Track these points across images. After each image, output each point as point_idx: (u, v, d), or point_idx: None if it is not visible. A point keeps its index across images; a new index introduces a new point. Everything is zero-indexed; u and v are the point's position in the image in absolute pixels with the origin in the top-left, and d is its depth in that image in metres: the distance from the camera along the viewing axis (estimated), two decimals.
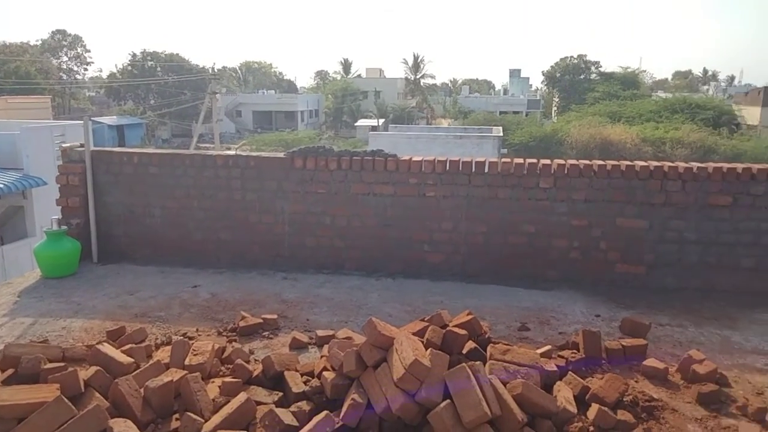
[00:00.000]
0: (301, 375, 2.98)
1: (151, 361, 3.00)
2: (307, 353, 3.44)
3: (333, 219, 4.98)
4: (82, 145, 5.25)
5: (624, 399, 2.79)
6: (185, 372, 2.83)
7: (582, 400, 2.78)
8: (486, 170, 4.73)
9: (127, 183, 5.25)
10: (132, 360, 2.98)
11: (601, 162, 4.64)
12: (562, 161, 4.70)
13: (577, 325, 3.83)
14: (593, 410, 2.64)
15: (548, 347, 3.20)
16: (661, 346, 3.54)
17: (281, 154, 5.09)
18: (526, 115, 53.21)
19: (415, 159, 4.82)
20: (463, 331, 2.98)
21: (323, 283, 4.71)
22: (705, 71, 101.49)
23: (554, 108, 61.73)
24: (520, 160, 4.75)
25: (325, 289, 4.56)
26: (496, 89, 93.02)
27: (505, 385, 2.63)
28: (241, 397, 2.64)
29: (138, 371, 2.84)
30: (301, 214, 5.01)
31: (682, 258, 4.50)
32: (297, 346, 3.50)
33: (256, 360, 3.28)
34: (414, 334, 3.02)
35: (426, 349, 2.71)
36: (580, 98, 52.39)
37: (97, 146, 5.60)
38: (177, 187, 5.17)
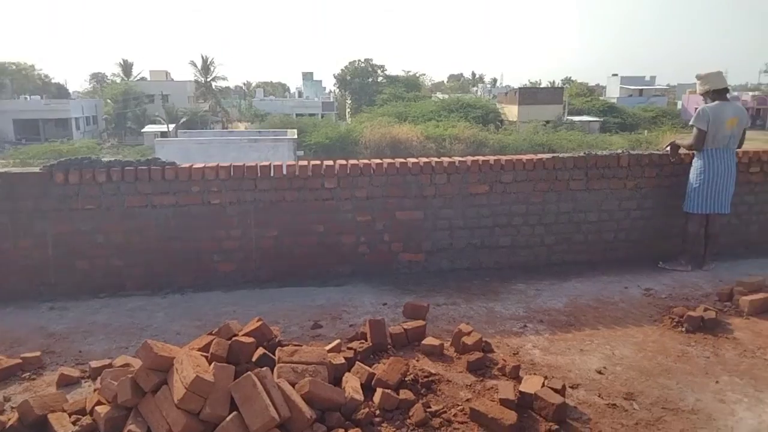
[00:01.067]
0: (70, 415, 2.66)
1: None
2: (79, 389, 3.08)
3: (107, 236, 4.53)
4: None
5: (406, 379, 3.01)
6: None
7: (369, 386, 2.93)
8: (272, 174, 4.72)
9: None
10: None
11: (378, 161, 4.95)
12: (344, 162, 4.90)
13: (367, 315, 4.03)
14: (378, 394, 2.80)
15: (338, 341, 3.31)
16: (438, 324, 3.90)
17: (37, 169, 4.47)
18: (322, 117, 54.55)
19: (196, 166, 4.60)
20: (250, 340, 2.93)
21: (99, 308, 4.27)
22: (473, 74, 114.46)
23: (348, 110, 64.21)
24: (305, 163, 4.83)
25: (101, 315, 4.13)
26: (291, 92, 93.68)
27: (293, 386, 2.65)
28: None
29: None
30: (67, 234, 4.46)
31: (453, 242, 5.02)
32: (66, 382, 3.11)
33: (12, 407, 2.84)
34: (199, 350, 2.89)
35: (210, 364, 2.61)
36: (370, 100, 55.30)
37: None
38: None
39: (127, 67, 67.45)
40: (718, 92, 4.92)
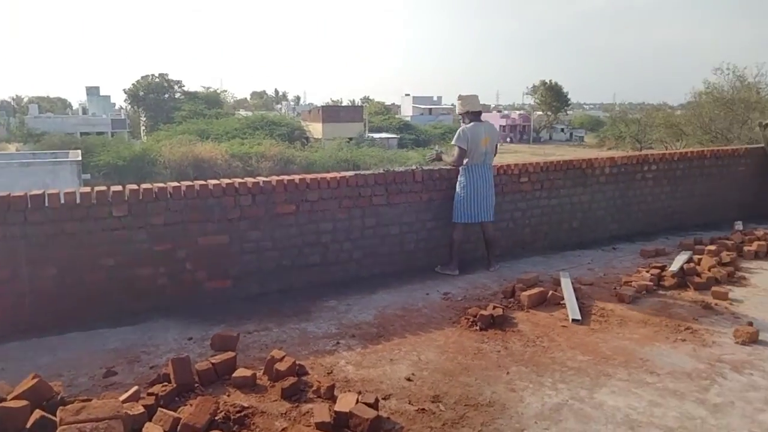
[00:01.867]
0: None
1: None
2: None
3: None
4: None
5: (216, 418, 2.81)
6: None
7: None
8: (47, 204, 4.12)
9: None
10: None
11: (175, 184, 4.62)
12: (135, 186, 4.47)
13: (170, 354, 3.70)
14: None
15: (135, 388, 2.98)
16: (250, 353, 3.74)
17: None
18: (113, 136, 49.78)
19: None
20: (22, 403, 2.49)
21: None
22: (276, 91, 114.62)
23: (143, 127, 59.64)
24: (87, 189, 4.30)
25: None
26: (74, 108, 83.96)
27: None
28: None
29: None
30: None
31: (262, 265, 4.88)
32: None
33: None
34: None
35: None
36: (167, 117, 52.10)
37: None
38: None
39: None
40: (474, 113, 5.53)
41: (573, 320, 4.25)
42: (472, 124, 5.44)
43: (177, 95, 59.17)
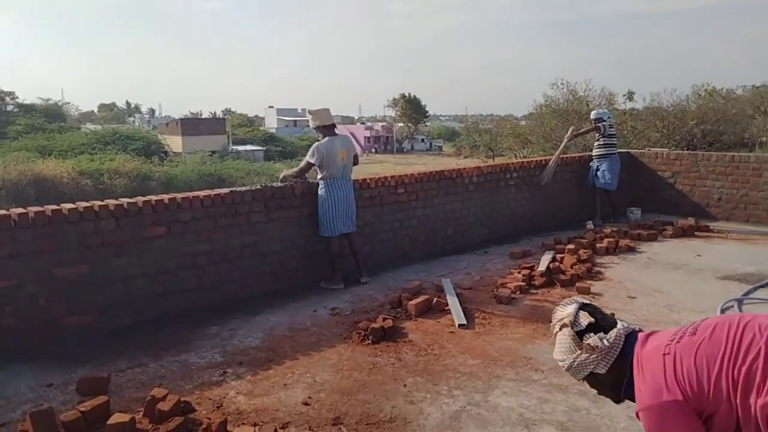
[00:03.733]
0: None
1: None
2: None
3: None
4: None
5: None
6: None
7: None
8: None
9: None
10: None
11: (21, 210, 4.04)
12: None
13: (27, 405, 3.21)
14: None
15: None
16: (125, 394, 3.35)
17: None
18: None
19: None
20: None
21: None
22: (128, 104, 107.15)
23: None
24: None
25: None
26: None
27: None
28: None
29: None
30: None
31: (131, 294, 4.44)
32: None
33: None
34: None
35: None
36: (0, 133, 46.36)
37: None
38: None
39: None
40: (327, 127, 5.51)
41: (459, 325, 4.38)
42: (326, 139, 5.39)
43: (9, 108, 52.83)
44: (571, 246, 6.46)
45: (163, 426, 2.88)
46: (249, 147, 53.03)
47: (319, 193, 5.42)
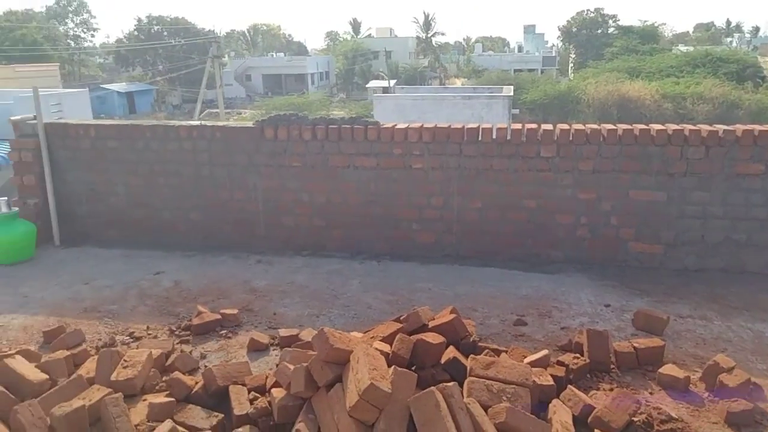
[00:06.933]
0: (249, 390, 2.52)
1: (73, 375, 2.55)
2: (267, 357, 2.98)
3: (311, 195, 4.46)
4: (35, 117, 4.74)
5: (635, 420, 2.29)
6: (107, 391, 2.38)
7: (584, 421, 2.29)
8: (480, 138, 4.15)
9: (86, 158, 4.76)
10: (45, 377, 2.53)
11: (611, 126, 4.03)
12: (566, 126, 4.10)
13: (583, 317, 3.32)
14: None
15: (544, 352, 2.69)
16: (681, 344, 3.01)
17: (250, 124, 4.55)
18: (542, 73, 51.67)
19: (399, 127, 4.24)
20: (439, 339, 2.48)
21: (300, 267, 4.23)
22: (728, 22, 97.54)
23: (570, 65, 59.83)
24: (518, 126, 4.15)
25: (301, 275, 4.08)
26: (511, 47, 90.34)
27: (486, 410, 2.14)
28: (165, 426, 2.19)
29: (51, 391, 2.40)
30: (275, 190, 4.50)
31: (706, 235, 3.93)
32: (255, 348, 3.04)
33: (206, 366, 2.83)
34: (383, 340, 2.54)
35: (390, 366, 2.22)
36: (597, 54, 50.67)
37: (108, 114, 5.12)
38: (140, 163, 4.67)
39: (356, 26, 71.60)
40: None
41: None
42: None
43: (610, 30, 56.61)
44: None
45: (723, 402, 2.40)
46: None
47: None
